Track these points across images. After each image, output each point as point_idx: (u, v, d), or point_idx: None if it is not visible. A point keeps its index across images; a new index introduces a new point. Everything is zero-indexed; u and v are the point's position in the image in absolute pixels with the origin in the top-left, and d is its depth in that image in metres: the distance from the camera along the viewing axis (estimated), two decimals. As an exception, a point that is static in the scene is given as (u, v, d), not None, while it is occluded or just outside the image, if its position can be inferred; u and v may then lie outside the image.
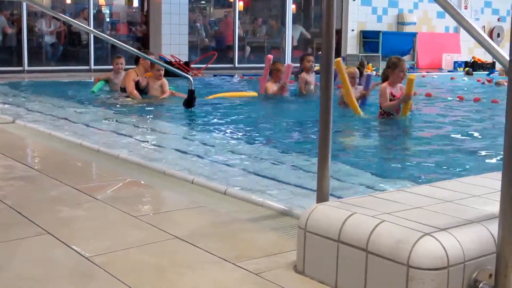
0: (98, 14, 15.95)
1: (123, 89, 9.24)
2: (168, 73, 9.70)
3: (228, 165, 4.71)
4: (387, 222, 2.16)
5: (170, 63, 12.60)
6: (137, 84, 9.09)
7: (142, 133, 6.29)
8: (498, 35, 22.21)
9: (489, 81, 14.54)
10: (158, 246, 2.68)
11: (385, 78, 7.35)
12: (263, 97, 9.89)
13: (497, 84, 13.66)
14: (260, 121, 7.69)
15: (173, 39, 15.42)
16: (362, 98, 8.55)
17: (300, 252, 2.40)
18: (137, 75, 9.18)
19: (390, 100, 7.18)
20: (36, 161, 4.85)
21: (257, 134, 6.52)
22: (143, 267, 2.44)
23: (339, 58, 8.32)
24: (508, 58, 2.08)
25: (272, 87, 9.99)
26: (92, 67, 14.85)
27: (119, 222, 3.03)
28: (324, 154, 2.63)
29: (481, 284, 2.05)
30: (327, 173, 2.63)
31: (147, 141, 5.74)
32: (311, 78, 10.29)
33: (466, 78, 15.75)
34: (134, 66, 9.47)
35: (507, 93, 1.99)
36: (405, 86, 7.13)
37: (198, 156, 5.05)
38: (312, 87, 10.19)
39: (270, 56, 10.57)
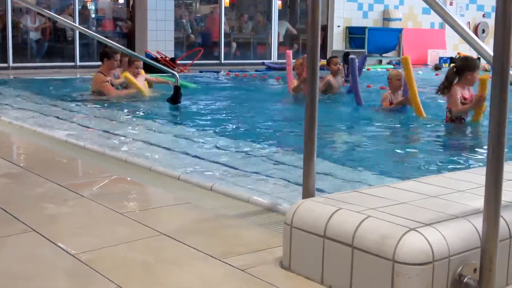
0: (83, 10, 15.87)
1: (97, 93, 8.88)
2: (154, 70, 9.69)
3: (214, 161, 4.71)
4: (373, 217, 2.16)
5: (156, 59, 12.56)
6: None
7: (128, 129, 6.27)
8: (483, 31, 22.30)
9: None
10: (144, 243, 2.68)
11: (447, 82, 6.60)
12: (292, 97, 9.23)
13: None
14: (249, 117, 7.69)
15: (159, 35, 15.37)
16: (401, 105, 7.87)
17: (286, 248, 2.40)
18: (105, 76, 8.90)
19: (462, 103, 6.51)
20: (21, 158, 4.83)
21: (245, 131, 6.52)
22: (129, 264, 2.44)
23: (407, 56, 7.72)
24: (492, 54, 2.09)
25: (296, 85, 9.28)
26: (78, 63, 14.78)
27: (105, 219, 3.02)
28: (309, 151, 2.64)
29: (465, 279, 2.06)
30: (313, 169, 2.64)
31: (133, 138, 5.72)
32: (337, 81, 9.76)
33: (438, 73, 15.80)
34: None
35: (491, 89, 2.00)
36: (478, 87, 6.45)
37: (184, 152, 5.04)
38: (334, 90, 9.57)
39: (289, 52, 9.99)
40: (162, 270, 2.38)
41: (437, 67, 17.34)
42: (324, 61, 16.96)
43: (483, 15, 22.72)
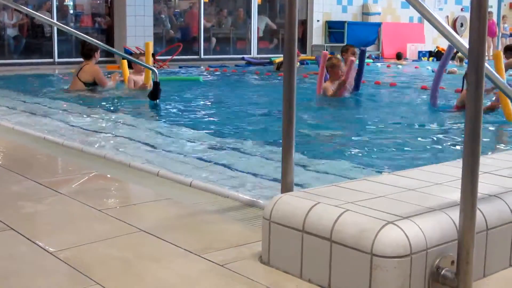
0: (62, 6, 15.75)
1: (90, 84, 9.20)
2: (130, 65, 9.68)
3: (193, 157, 4.70)
4: (351, 211, 2.17)
5: (134, 54, 12.51)
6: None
7: (107, 126, 6.24)
8: (462, 25, 22.43)
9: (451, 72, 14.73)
10: (123, 240, 2.67)
11: None
12: (320, 98, 8.74)
13: (450, 72, 13.91)
14: (228, 112, 7.69)
15: (138, 31, 15.31)
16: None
17: (265, 242, 2.40)
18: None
19: None
20: (-1, 155, 4.80)
21: (224, 126, 6.51)
22: (108, 261, 2.43)
23: (499, 50, 7.53)
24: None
25: (330, 87, 8.68)
26: (56, 60, 14.69)
27: (84, 216, 3.01)
28: (288, 145, 2.64)
29: (443, 271, 2.08)
30: (291, 164, 2.64)
31: (112, 134, 5.70)
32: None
33: (429, 67, 15.89)
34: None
35: (468, 82, 2.01)
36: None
37: (164, 148, 5.03)
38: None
39: (326, 52, 9.43)
40: (141, 267, 2.38)
41: (461, 59, 17.27)
42: (304, 56, 17.06)
43: (461, 9, 22.87)
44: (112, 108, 7.69)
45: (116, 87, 9.38)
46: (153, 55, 13.88)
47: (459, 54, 17.74)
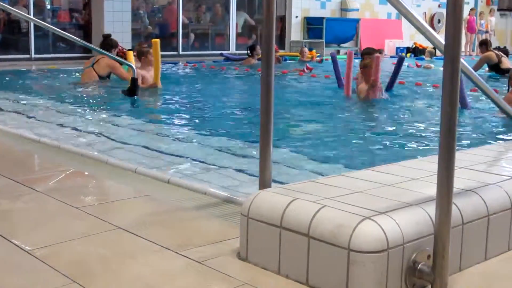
0: (38, 1, 15.61)
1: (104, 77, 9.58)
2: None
3: (171, 153, 4.68)
4: (328, 207, 2.18)
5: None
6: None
7: (84, 122, 6.21)
8: (439, 21, 22.55)
9: (417, 66, 14.87)
10: (100, 237, 2.66)
11: None
12: (354, 101, 8.26)
13: (426, 68, 14.03)
14: (207, 108, 7.67)
15: (116, 27, 15.21)
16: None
17: (243, 239, 2.41)
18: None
19: None
20: (-25, 153, 4.75)
21: (202, 122, 6.51)
22: (85, 259, 2.41)
23: None
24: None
25: (365, 89, 8.08)
26: (33, 55, 14.56)
27: (61, 214, 2.98)
28: (265, 141, 2.64)
29: (420, 265, 2.09)
30: (269, 160, 2.64)
31: (90, 131, 5.66)
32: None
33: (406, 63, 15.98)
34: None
35: (443, 77, 2.03)
36: None
37: (142, 145, 5.01)
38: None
39: (351, 52, 9.04)
40: (118, 264, 2.37)
41: (431, 54, 17.26)
42: (282, 52, 17.06)
43: (439, 5, 22.98)
44: (89, 104, 7.64)
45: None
46: (131, 51, 13.85)
47: (429, 48, 17.92)
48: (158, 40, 8.94)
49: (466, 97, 7.48)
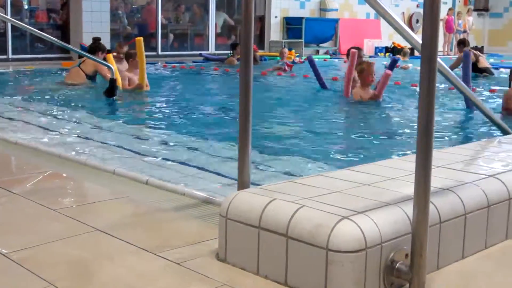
0: (16, 1, 15.48)
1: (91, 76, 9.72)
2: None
3: (150, 154, 4.67)
4: (307, 207, 2.18)
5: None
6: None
7: (62, 123, 6.17)
8: (417, 21, 22.67)
9: (396, 67, 14.94)
10: (78, 239, 2.64)
11: None
12: (351, 102, 8.16)
13: (403, 68, 14.12)
14: (186, 109, 7.65)
15: (95, 27, 15.13)
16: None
17: (221, 239, 2.40)
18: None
19: None
20: (-49, 155, 4.70)
21: (181, 123, 6.49)
22: (63, 261, 2.40)
23: None
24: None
25: (361, 94, 8.00)
26: (10, 56, 14.45)
27: (38, 216, 2.96)
28: (244, 142, 2.64)
29: (397, 264, 2.10)
30: (248, 161, 2.64)
31: (68, 132, 5.63)
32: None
33: (385, 63, 16.07)
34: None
35: (420, 77, 2.04)
36: None
37: (120, 146, 4.99)
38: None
39: (355, 51, 8.59)
40: (96, 266, 2.35)
41: (405, 54, 17.30)
42: (262, 52, 17.06)
43: (417, 6, 23.12)
44: (67, 105, 7.59)
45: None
46: (110, 51, 13.80)
47: (405, 49, 18.04)
48: (141, 38, 8.82)
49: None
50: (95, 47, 10.14)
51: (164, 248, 2.51)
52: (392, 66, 9.14)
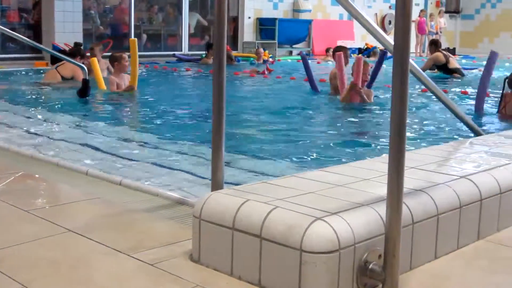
0: (-13, 1, 15.35)
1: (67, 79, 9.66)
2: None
3: (123, 156, 4.64)
4: (280, 208, 2.18)
5: (63, 51, 12.27)
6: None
7: (34, 124, 6.11)
8: (390, 23, 22.82)
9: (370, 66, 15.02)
10: (51, 240, 2.62)
11: None
12: (343, 107, 7.86)
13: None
14: (159, 109, 7.63)
15: (67, 27, 15.02)
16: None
17: (195, 240, 2.40)
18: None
19: None
20: None
21: (154, 124, 6.47)
22: (35, 263, 2.38)
23: None
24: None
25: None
26: (-20, 56, 14.31)
27: (10, 217, 2.93)
28: (217, 143, 2.64)
29: (371, 265, 2.11)
30: (221, 162, 2.64)
31: (40, 133, 5.58)
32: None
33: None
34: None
35: (392, 78, 2.05)
36: None
37: (93, 147, 4.96)
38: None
39: (340, 53, 8.21)
40: (69, 267, 2.34)
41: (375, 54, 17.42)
42: (236, 52, 17.07)
43: (390, 7, 23.26)
44: (39, 105, 7.53)
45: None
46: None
47: (375, 50, 18.19)
48: (135, 39, 8.69)
49: (483, 102, 7.38)
50: (76, 51, 10.30)
51: (137, 249, 2.50)
52: (381, 59, 8.88)
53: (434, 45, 13.35)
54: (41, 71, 11.61)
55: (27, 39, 9.23)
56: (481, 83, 7.32)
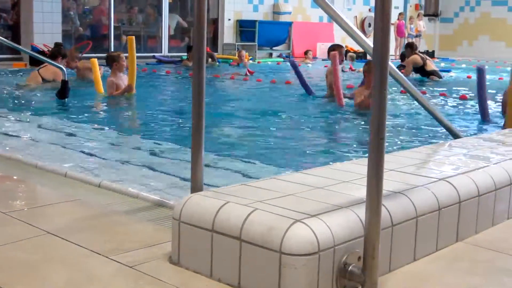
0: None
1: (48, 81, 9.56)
2: (41, 63, 9.48)
3: (102, 157, 4.62)
4: (260, 210, 2.18)
5: (42, 52, 12.20)
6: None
7: (13, 125, 6.07)
8: (369, 25, 22.93)
9: (351, 69, 15.10)
10: (29, 242, 2.60)
11: None
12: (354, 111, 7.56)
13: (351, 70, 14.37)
14: (139, 111, 7.60)
15: (46, 28, 14.94)
16: None
17: (175, 243, 2.39)
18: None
19: None
20: None
21: (134, 125, 6.45)
22: (13, 265, 2.36)
23: None
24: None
25: (363, 94, 7.38)
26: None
27: (-12, 219, 2.91)
28: (197, 145, 2.63)
29: (350, 267, 2.11)
30: (201, 163, 2.63)
31: (18, 134, 5.54)
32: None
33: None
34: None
35: (372, 80, 2.06)
36: None
37: (72, 148, 4.93)
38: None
39: (335, 53, 7.97)
40: (47, 269, 2.32)
41: (352, 58, 17.47)
42: (216, 54, 17.06)
43: (369, 10, 23.38)
44: (18, 106, 7.48)
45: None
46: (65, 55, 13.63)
47: (350, 54, 18.31)
48: (133, 37, 8.40)
49: (487, 108, 7.32)
50: (57, 51, 10.28)
51: (116, 252, 2.49)
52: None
53: (410, 48, 13.45)
54: (20, 72, 11.54)
55: (5, 40, 9.17)
56: (479, 101, 7.28)
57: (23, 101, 8.06)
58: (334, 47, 8.99)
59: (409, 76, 12.04)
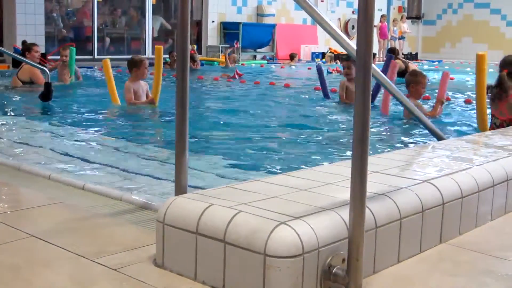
0: None
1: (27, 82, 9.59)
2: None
3: (86, 159, 4.61)
4: (244, 212, 2.18)
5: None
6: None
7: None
8: (353, 27, 23.00)
9: (338, 71, 15.14)
10: (12, 246, 2.58)
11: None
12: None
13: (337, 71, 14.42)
14: (123, 113, 7.57)
15: (29, 30, 14.87)
16: None
17: (159, 245, 2.38)
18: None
19: None
20: None
21: (118, 127, 6.42)
22: (-4, 268, 2.35)
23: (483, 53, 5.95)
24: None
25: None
26: None
27: (-30, 222, 2.89)
28: (181, 147, 2.63)
29: (334, 269, 2.12)
30: (185, 166, 2.63)
31: (1, 136, 5.51)
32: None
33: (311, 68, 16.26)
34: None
35: (355, 83, 2.07)
36: None
37: (55, 150, 4.91)
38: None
39: (447, 72, 7.57)
40: (31, 273, 2.31)
41: (331, 58, 17.50)
42: (200, 56, 17.04)
43: (353, 12, 23.45)
44: (8, 110, 7.43)
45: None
46: (45, 54, 13.57)
47: (328, 54, 18.39)
48: (161, 47, 7.71)
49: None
50: (24, 48, 10.40)
51: (101, 254, 2.48)
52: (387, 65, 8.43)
53: (392, 53, 13.55)
54: (6, 73, 11.56)
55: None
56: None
57: (5, 104, 8.01)
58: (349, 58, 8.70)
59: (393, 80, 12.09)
